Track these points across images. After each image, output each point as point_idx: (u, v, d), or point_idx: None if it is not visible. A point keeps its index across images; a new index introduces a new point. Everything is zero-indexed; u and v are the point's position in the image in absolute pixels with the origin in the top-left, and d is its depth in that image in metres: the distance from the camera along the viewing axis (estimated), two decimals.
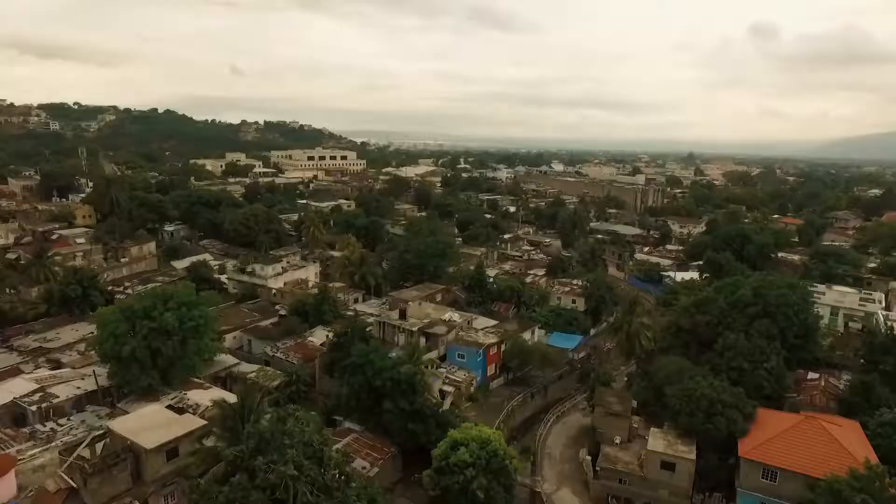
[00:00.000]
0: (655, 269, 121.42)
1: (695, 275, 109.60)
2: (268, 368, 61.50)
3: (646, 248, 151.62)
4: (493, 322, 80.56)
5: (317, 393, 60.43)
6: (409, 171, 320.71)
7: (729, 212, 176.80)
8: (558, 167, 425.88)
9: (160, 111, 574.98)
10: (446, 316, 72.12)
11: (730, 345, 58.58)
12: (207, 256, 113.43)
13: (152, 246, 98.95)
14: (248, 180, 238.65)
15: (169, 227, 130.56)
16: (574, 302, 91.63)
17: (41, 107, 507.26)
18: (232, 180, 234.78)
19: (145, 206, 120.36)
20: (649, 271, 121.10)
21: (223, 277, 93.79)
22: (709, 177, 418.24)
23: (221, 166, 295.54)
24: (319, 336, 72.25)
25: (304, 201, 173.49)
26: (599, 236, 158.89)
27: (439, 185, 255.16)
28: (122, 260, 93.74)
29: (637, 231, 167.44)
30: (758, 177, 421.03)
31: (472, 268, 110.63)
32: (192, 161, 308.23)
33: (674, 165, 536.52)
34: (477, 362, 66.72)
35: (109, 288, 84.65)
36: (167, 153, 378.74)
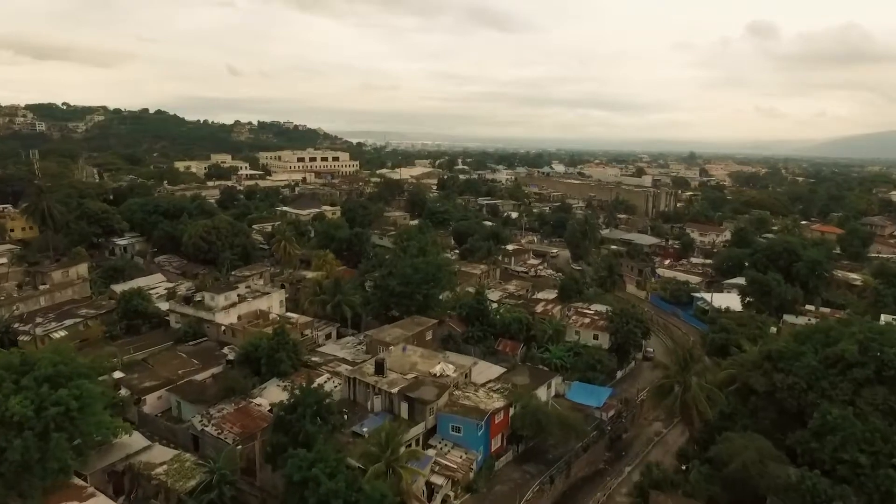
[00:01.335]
0: (683, 289, 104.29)
1: (734, 297, 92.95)
2: (186, 457, 44.16)
3: (666, 261, 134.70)
4: (498, 370, 63.47)
5: (254, 493, 43.29)
6: (404, 173, 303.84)
7: (755, 218, 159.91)
8: (559, 168, 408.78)
9: (151, 111, 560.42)
10: (437, 369, 55.04)
11: (833, 425, 41.62)
12: (159, 277, 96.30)
13: (83, 268, 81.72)
14: (230, 183, 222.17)
15: (122, 241, 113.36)
16: (597, 338, 74.57)
17: (28, 107, 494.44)
18: (211, 184, 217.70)
19: (86, 217, 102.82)
20: (676, 291, 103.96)
21: (167, 306, 76.43)
22: (714, 177, 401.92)
23: (205, 168, 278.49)
24: (272, 395, 55.24)
25: (284, 208, 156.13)
26: (613, 247, 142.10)
27: (435, 188, 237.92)
28: (41, 287, 76.48)
29: (654, 240, 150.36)
30: (765, 177, 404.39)
31: (470, 289, 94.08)
32: (176, 163, 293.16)
33: (678, 166, 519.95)
34: (478, 437, 49.66)
35: (15, 325, 67.55)
36: (154, 154, 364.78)
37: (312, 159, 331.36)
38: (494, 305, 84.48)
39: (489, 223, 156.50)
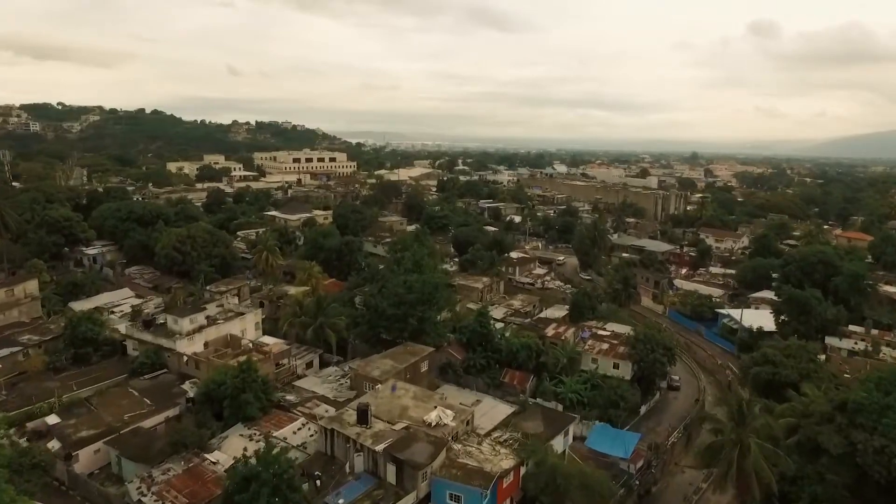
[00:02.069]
0: (706, 304, 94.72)
1: (766, 315, 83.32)
2: None
3: (682, 270, 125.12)
4: (505, 410, 54.14)
5: None
6: (403, 174, 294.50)
7: (774, 224, 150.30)
8: (561, 168, 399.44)
9: (147, 111, 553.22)
10: (432, 416, 45.49)
11: None
12: (126, 292, 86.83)
13: (32, 285, 72.07)
14: (223, 185, 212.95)
15: (91, 251, 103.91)
16: (617, 367, 64.93)
17: (23, 107, 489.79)
18: (200, 186, 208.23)
19: (46, 225, 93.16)
20: (698, 306, 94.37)
21: (125, 327, 66.60)
22: (719, 178, 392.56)
23: (196, 170, 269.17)
24: (234, 447, 45.72)
25: (272, 213, 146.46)
26: (625, 255, 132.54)
27: (434, 190, 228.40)
28: None
29: (667, 247, 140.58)
30: (771, 178, 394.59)
31: (471, 306, 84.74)
32: (168, 164, 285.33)
33: (682, 166, 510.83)
34: None
35: None
36: (149, 155, 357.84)
37: (308, 160, 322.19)
38: (499, 325, 75.21)
39: (491, 228, 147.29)
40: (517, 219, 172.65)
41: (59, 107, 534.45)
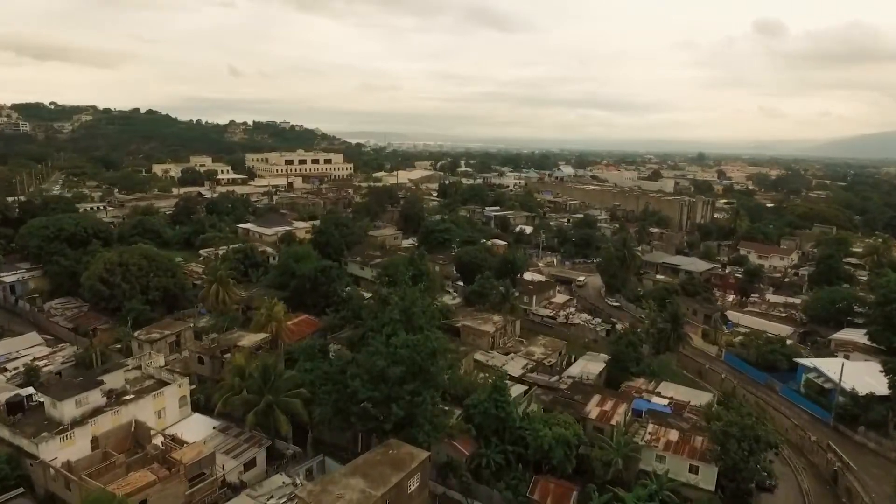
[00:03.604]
0: (778, 349, 74.07)
1: (870, 370, 63.16)
2: None
3: (730, 297, 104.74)
4: None
5: None
6: (402, 176, 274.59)
7: (829, 238, 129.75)
8: (567, 169, 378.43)
9: (151, 113, 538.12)
10: None
11: None
12: (33, 339, 66.91)
13: None
14: (203, 190, 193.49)
15: (8, 278, 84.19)
16: (695, 470, 44.60)
17: (14, 107, 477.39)
18: (177, 191, 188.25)
19: None
20: (769, 353, 73.63)
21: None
22: (733, 180, 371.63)
23: (180, 172, 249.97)
24: None
25: (246, 226, 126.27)
26: (659, 276, 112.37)
27: (435, 194, 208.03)
28: None
29: (705, 265, 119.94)
30: (787, 179, 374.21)
31: (479, 357, 65.57)
32: (155, 165, 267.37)
33: (692, 167, 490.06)
34: None
35: None
36: (140, 156, 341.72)
37: (302, 161, 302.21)
38: (518, 388, 55.22)
39: (500, 241, 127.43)
40: (528, 229, 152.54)
41: (52, 106, 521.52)
